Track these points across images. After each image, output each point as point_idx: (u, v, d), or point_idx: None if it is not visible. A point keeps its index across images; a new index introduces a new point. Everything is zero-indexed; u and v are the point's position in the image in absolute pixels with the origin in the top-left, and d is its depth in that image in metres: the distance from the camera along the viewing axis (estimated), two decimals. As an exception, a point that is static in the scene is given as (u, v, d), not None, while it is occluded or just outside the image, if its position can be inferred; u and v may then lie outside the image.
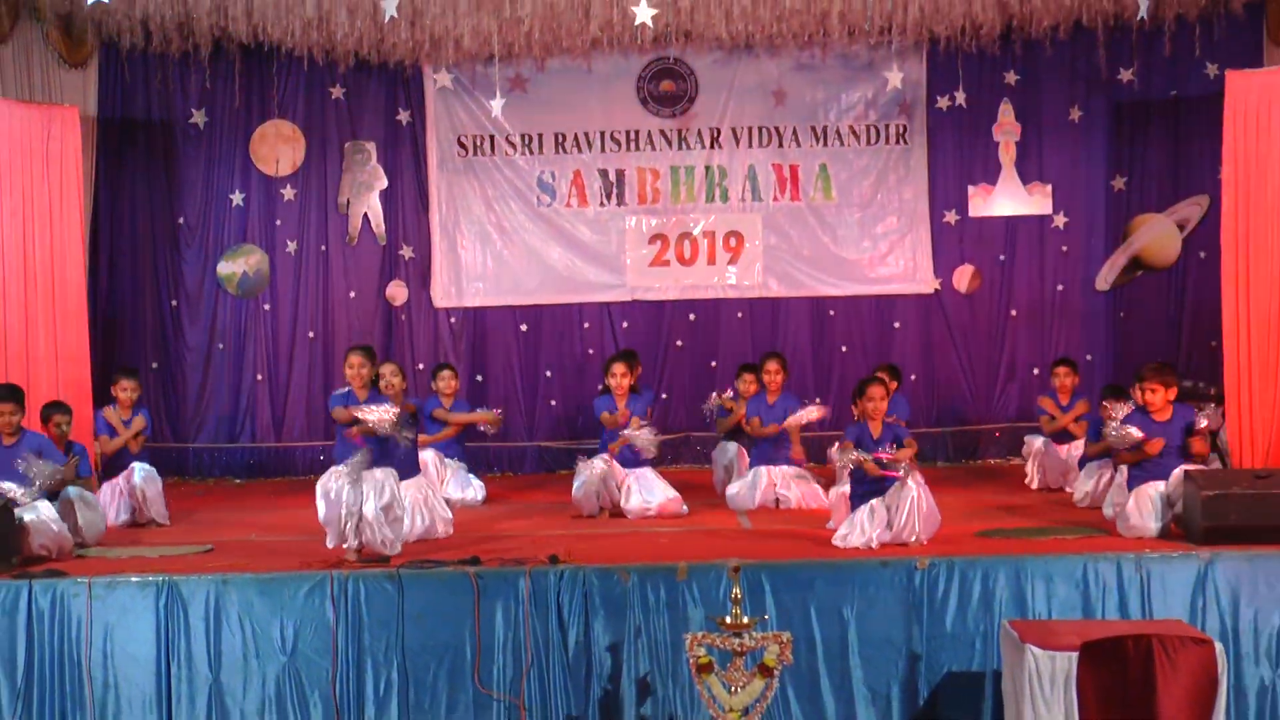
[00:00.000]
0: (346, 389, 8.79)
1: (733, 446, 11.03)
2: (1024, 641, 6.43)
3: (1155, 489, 8.37)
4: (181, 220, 13.43)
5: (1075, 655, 6.13)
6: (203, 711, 7.50)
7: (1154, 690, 5.86)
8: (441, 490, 10.37)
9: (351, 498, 8.05)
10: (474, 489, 11.16)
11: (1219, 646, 6.14)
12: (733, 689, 6.54)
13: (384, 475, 8.28)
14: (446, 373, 11.74)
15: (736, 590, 6.72)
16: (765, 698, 6.57)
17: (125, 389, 10.57)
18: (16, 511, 8.25)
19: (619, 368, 10.32)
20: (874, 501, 8.25)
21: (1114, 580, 7.43)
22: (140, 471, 10.19)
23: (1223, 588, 7.40)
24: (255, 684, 7.49)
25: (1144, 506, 8.37)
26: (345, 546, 8.16)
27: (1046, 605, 7.41)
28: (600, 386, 10.67)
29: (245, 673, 7.49)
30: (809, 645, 7.36)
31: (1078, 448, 10.78)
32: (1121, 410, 9.36)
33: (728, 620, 6.57)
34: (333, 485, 8.14)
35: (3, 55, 11.25)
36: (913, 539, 8.09)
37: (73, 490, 9.07)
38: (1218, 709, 6.06)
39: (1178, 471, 8.35)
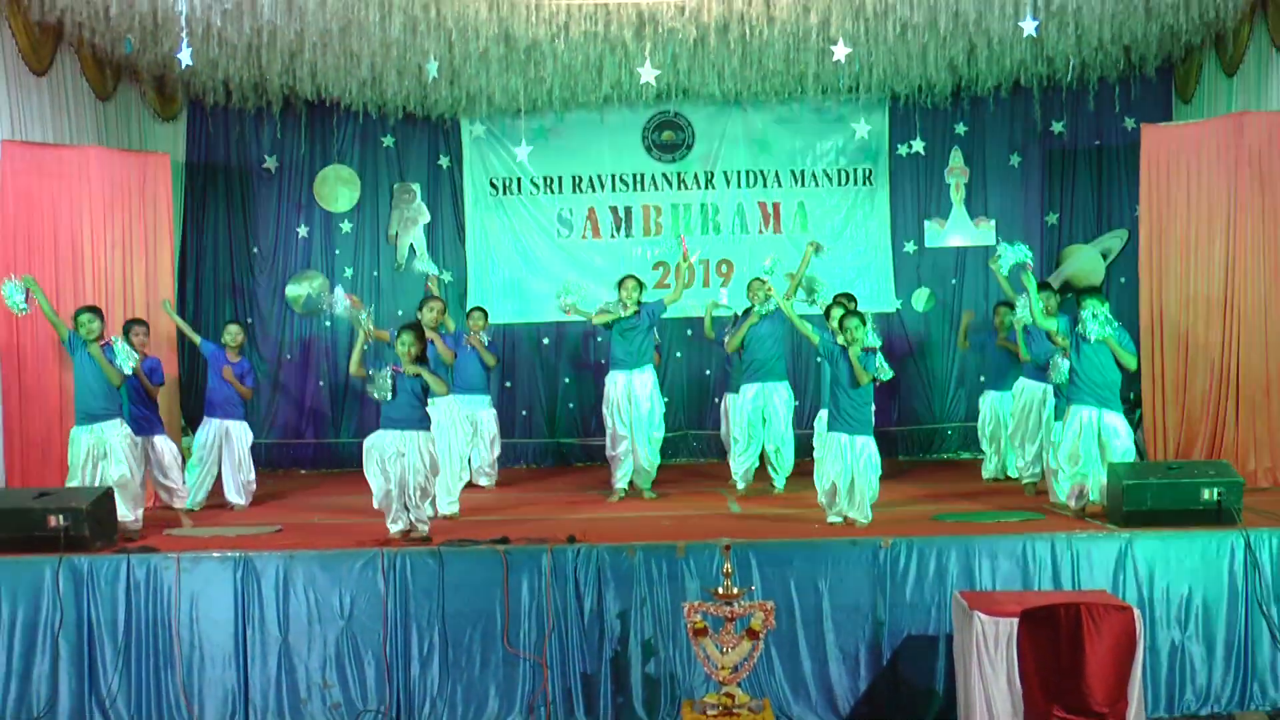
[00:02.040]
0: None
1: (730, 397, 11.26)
2: (972, 609, 6.43)
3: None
4: (255, 250, 13.46)
5: (1015, 620, 6.13)
6: (274, 667, 7.51)
7: (1082, 650, 5.86)
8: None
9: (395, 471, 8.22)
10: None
11: (1137, 613, 6.14)
12: (724, 650, 6.54)
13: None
14: (475, 312, 11.74)
15: (727, 565, 6.72)
16: (752, 657, 6.57)
17: (232, 333, 10.54)
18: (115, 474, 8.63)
19: (630, 282, 10.23)
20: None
21: (1048, 557, 7.43)
22: (238, 429, 10.41)
23: (1140, 563, 7.40)
24: (318, 644, 7.50)
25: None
26: (391, 529, 8.21)
27: (991, 578, 7.41)
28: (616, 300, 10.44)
29: (309, 635, 7.51)
30: (789, 612, 7.36)
31: None
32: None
33: (720, 591, 6.57)
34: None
35: (107, 111, 11.27)
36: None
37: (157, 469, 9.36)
38: (1136, 665, 6.07)
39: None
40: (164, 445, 9.56)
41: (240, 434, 10.40)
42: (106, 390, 8.72)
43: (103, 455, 8.69)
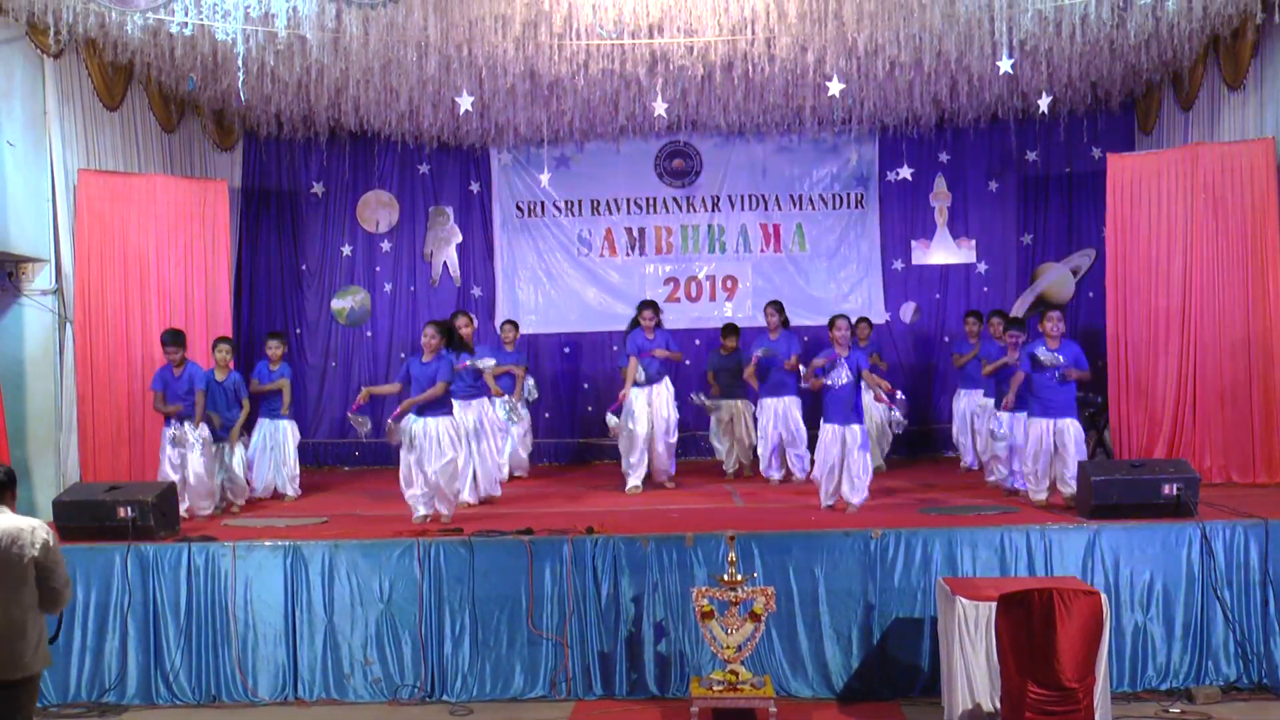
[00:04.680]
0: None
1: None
2: (954, 594, 6.42)
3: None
4: (304, 267, 13.51)
5: (994, 604, 6.12)
6: (320, 645, 7.54)
7: (1054, 631, 5.85)
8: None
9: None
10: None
11: (1104, 597, 6.12)
12: (729, 631, 6.55)
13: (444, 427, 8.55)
14: (507, 325, 11.92)
15: (732, 554, 6.74)
16: (754, 638, 6.58)
17: (272, 347, 10.54)
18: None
19: (648, 311, 10.35)
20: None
21: (1024, 546, 7.42)
22: (287, 427, 10.47)
23: (1107, 552, 7.39)
24: (360, 625, 7.53)
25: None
26: (414, 517, 8.27)
27: (972, 566, 7.40)
28: (630, 323, 10.62)
29: (352, 616, 7.54)
30: (788, 597, 7.35)
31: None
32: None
33: (725, 577, 6.59)
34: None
35: (172, 142, 11.34)
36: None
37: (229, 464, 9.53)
38: (1102, 644, 6.05)
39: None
40: (236, 452, 9.62)
41: (287, 431, 10.48)
42: (182, 397, 9.08)
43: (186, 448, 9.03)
